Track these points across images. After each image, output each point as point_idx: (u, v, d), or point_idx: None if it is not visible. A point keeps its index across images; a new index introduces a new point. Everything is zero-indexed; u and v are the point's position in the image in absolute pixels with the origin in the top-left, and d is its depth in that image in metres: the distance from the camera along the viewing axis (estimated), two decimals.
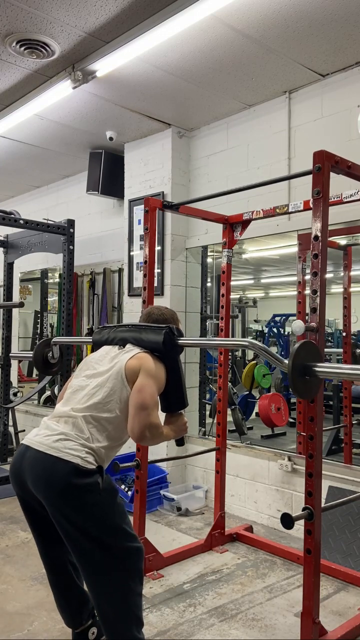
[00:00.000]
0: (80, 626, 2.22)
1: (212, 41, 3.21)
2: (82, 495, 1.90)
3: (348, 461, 3.84)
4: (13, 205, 6.52)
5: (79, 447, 1.94)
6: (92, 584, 1.97)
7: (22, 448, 2.02)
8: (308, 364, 1.92)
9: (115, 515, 1.97)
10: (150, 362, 2.08)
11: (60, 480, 1.88)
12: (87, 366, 2.22)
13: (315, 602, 2.20)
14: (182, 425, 2.21)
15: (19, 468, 2.00)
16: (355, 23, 3.02)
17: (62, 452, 1.91)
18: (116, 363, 2.10)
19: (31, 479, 1.95)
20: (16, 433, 5.70)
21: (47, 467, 1.91)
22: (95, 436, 1.99)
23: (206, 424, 4.60)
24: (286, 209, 3.17)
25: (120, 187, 4.94)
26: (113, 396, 2.03)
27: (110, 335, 2.30)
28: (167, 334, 2.17)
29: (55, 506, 1.90)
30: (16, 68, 3.55)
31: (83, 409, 2.02)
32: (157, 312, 2.41)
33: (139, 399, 1.97)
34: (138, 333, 2.23)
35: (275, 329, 7.75)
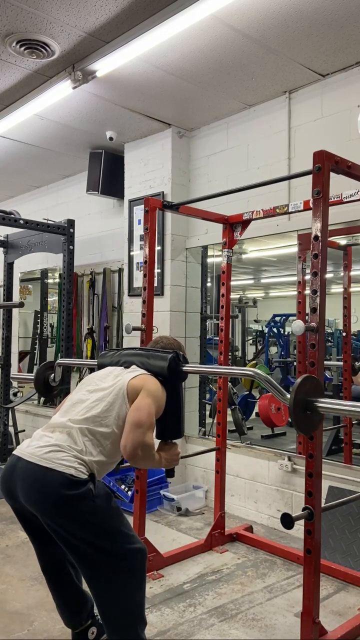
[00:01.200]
0: (80, 626, 2.21)
1: (212, 41, 3.21)
2: (76, 504, 1.87)
3: (348, 461, 3.84)
4: (13, 205, 6.52)
5: (71, 458, 1.91)
6: (95, 587, 1.97)
7: (14, 459, 2.00)
8: (309, 399, 1.92)
9: (112, 520, 1.96)
10: (152, 384, 2.09)
11: (52, 491, 1.85)
12: (89, 382, 2.22)
13: (315, 602, 2.20)
14: (175, 456, 2.18)
15: (9, 479, 1.98)
16: (355, 23, 3.02)
17: (53, 462, 1.89)
18: (119, 380, 2.11)
19: (23, 491, 1.93)
20: (16, 433, 5.70)
21: (39, 478, 1.88)
22: (89, 449, 1.97)
23: (206, 424, 4.60)
24: (286, 209, 3.17)
25: (120, 187, 4.94)
26: (111, 412, 2.02)
27: (115, 358, 2.32)
28: (172, 359, 2.19)
29: (50, 517, 1.89)
30: (16, 68, 3.55)
31: (80, 421, 2.01)
32: (165, 341, 2.46)
33: (136, 416, 1.96)
34: (145, 357, 2.25)
35: (275, 329, 7.74)
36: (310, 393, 1.93)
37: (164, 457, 2.13)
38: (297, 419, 1.90)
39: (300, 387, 1.90)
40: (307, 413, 1.92)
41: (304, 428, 1.95)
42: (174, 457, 2.18)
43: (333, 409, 2.01)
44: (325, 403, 1.94)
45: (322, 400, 1.94)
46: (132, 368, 2.21)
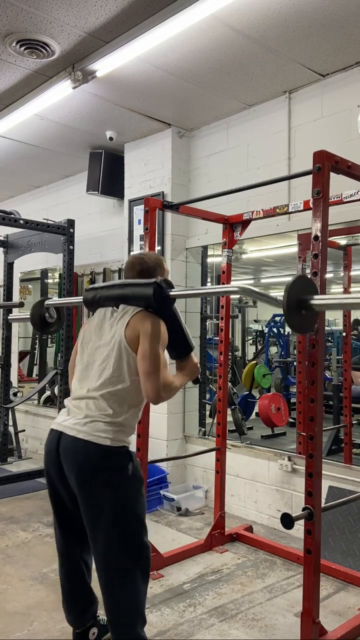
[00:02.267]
0: (82, 626, 2.23)
1: (212, 41, 3.21)
2: (111, 476, 1.95)
3: (348, 461, 3.84)
4: (13, 205, 6.52)
5: (107, 427, 1.98)
6: (105, 570, 1.98)
7: (54, 434, 2.08)
8: (303, 297, 1.87)
9: (138, 505, 2.02)
10: (146, 324, 2.04)
11: (91, 462, 1.95)
12: (89, 336, 2.21)
13: (315, 602, 2.20)
14: (194, 367, 2.25)
15: (55, 453, 2.05)
16: (355, 23, 3.02)
17: (92, 435, 1.96)
18: (115, 332, 2.09)
19: (66, 463, 2.01)
20: (16, 433, 5.70)
21: (79, 450, 1.97)
22: (117, 409, 2.03)
23: (206, 424, 4.60)
24: (286, 209, 3.17)
25: (120, 187, 4.94)
26: (122, 367, 2.04)
27: (102, 295, 2.24)
28: (155, 289, 2.07)
29: (85, 487, 1.96)
30: (16, 68, 3.55)
31: (99, 387, 2.05)
32: (140, 262, 2.27)
33: (146, 365, 1.98)
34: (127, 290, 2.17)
35: (275, 329, 7.74)
36: (304, 292, 1.87)
37: (185, 374, 2.21)
38: (291, 320, 1.85)
39: (293, 286, 1.84)
40: (302, 312, 1.88)
41: (300, 328, 1.91)
42: (194, 368, 2.25)
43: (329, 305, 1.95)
44: (321, 299, 1.88)
45: (316, 297, 1.88)
46: (120, 309, 2.14)
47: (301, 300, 1.86)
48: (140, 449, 3.06)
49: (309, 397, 2.24)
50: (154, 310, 2.09)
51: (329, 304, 1.95)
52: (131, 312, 2.10)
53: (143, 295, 2.10)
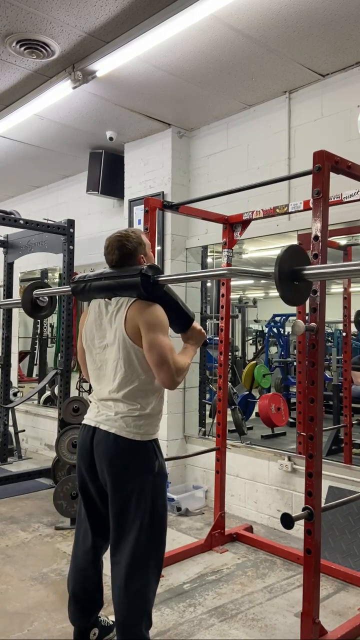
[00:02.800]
0: (85, 627, 2.22)
1: (212, 41, 3.21)
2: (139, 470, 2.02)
3: (348, 461, 3.84)
4: (13, 205, 6.52)
5: (138, 422, 2.04)
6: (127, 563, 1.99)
7: (87, 428, 2.14)
8: (296, 268, 1.83)
9: (162, 500, 2.07)
10: (144, 315, 2.02)
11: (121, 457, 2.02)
12: (91, 333, 2.20)
13: (315, 602, 2.21)
14: (199, 334, 2.27)
15: (89, 447, 2.11)
16: (355, 23, 3.02)
17: (124, 430, 2.03)
18: (117, 329, 2.09)
19: (98, 457, 2.07)
20: (16, 433, 5.70)
21: (110, 445, 2.03)
22: (142, 402, 2.08)
23: (206, 424, 4.60)
24: (286, 209, 3.17)
25: (120, 187, 4.94)
26: (133, 364, 2.06)
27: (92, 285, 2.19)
28: (143, 280, 2.01)
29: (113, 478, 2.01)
30: (16, 68, 3.55)
31: (117, 389, 2.08)
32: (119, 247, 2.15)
33: (154, 356, 2.00)
34: (115, 282, 2.11)
35: (275, 329, 7.75)
36: (296, 262, 1.84)
37: (193, 344, 2.25)
38: (284, 290, 1.81)
39: (285, 256, 1.80)
40: (295, 284, 1.85)
41: (293, 299, 1.87)
42: (199, 335, 2.27)
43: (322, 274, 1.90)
44: (313, 269, 1.84)
45: (309, 267, 1.84)
46: (114, 303, 2.12)
47: (294, 270, 1.83)
48: None
49: (309, 397, 2.24)
50: (146, 298, 2.06)
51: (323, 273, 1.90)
52: (126, 305, 2.08)
53: (132, 285, 2.05)
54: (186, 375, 2.13)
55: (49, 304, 3.04)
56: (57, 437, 3.98)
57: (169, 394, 4.13)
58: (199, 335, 2.28)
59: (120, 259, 2.16)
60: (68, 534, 3.62)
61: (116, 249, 2.16)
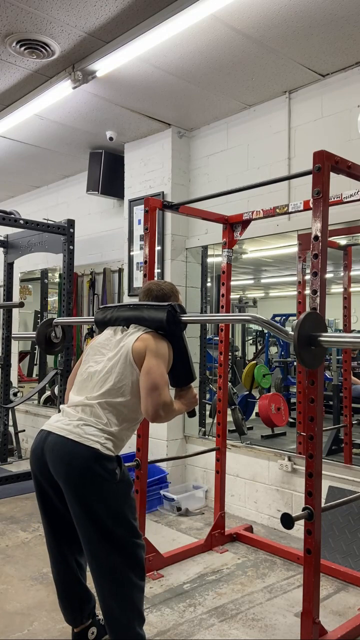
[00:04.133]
0: (81, 624, 2.23)
1: (212, 41, 3.21)
2: (100, 481, 1.94)
3: (348, 461, 3.83)
4: (13, 205, 6.52)
5: (99, 433, 1.99)
6: (98, 574, 1.98)
7: (43, 433, 2.08)
8: (313, 334, 1.94)
9: (127, 508, 2.01)
10: (155, 343, 2.09)
11: (80, 464, 1.94)
12: (94, 351, 2.22)
13: (315, 602, 2.20)
14: (192, 398, 2.26)
15: (40, 452, 2.05)
16: (355, 23, 3.02)
17: (82, 437, 1.96)
18: (122, 347, 2.11)
19: (52, 463, 2.00)
20: (16, 433, 5.70)
21: (68, 451, 1.96)
22: (112, 420, 2.03)
23: (206, 424, 4.60)
24: (286, 209, 3.17)
25: (120, 187, 4.94)
26: (124, 380, 2.06)
27: (113, 315, 2.30)
28: (169, 312, 2.16)
29: (73, 490, 1.95)
30: (16, 68, 3.55)
31: (97, 396, 2.06)
32: (157, 288, 2.37)
33: (149, 380, 1.99)
34: (140, 312, 2.23)
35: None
36: (313, 328, 1.94)
37: (183, 403, 2.22)
38: (302, 354, 1.92)
39: (303, 323, 1.91)
40: (312, 348, 1.94)
41: (309, 363, 1.97)
42: (192, 399, 2.26)
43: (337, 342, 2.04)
44: (329, 337, 1.96)
45: (325, 334, 1.96)
46: (131, 329, 2.19)
47: (311, 336, 1.93)
48: (140, 449, 3.06)
49: (309, 397, 2.24)
50: (164, 333, 2.15)
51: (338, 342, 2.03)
52: (142, 331, 2.15)
53: (156, 317, 2.16)
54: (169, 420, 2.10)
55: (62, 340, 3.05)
56: None
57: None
58: (192, 399, 2.26)
59: (154, 299, 2.33)
60: None
61: (154, 290, 2.37)
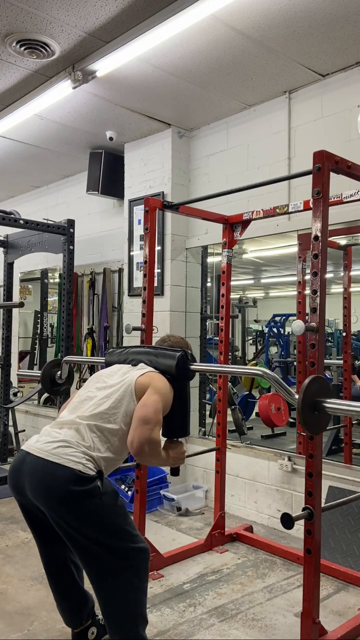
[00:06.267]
0: (80, 626, 2.23)
1: (212, 41, 3.20)
2: (83, 501, 1.89)
3: (348, 461, 3.83)
4: (13, 205, 6.52)
5: (80, 454, 1.93)
6: (97, 585, 1.97)
7: (22, 454, 2.01)
8: (318, 399, 1.93)
9: (117, 517, 1.97)
10: (160, 381, 2.10)
11: (60, 487, 1.87)
12: (97, 379, 2.23)
13: (315, 602, 2.20)
14: (181, 454, 2.21)
15: (18, 474, 2.00)
16: (355, 23, 3.02)
17: (62, 458, 1.90)
18: (127, 377, 2.12)
19: (31, 485, 1.95)
20: (16, 433, 5.70)
21: (47, 473, 1.90)
22: (96, 446, 1.98)
23: (206, 424, 4.60)
24: (286, 209, 3.17)
25: (120, 187, 4.94)
26: (119, 408, 2.04)
27: (123, 356, 2.33)
28: (181, 357, 2.20)
29: (56, 513, 1.90)
30: (16, 68, 3.54)
31: (88, 417, 2.03)
32: (172, 340, 2.48)
33: (143, 412, 1.97)
34: (153, 356, 2.26)
35: (275, 329, 7.74)
36: (318, 393, 1.94)
37: (170, 456, 2.16)
38: (305, 419, 1.91)
39: (309, 387, 1.91)
40: (315, 413, 1.93)
41: (312, 428, 1.97)
42: (180, 455, 2.20)
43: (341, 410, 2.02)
44: (334, 404, 1.95)
45: (330, 400, 1.95)
46: (140, 366, 2.22)
47: (315, 401, 1.93)
48: None
49: None
50: (171, 378, 2.16)
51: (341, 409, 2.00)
52: (150, 369, 2.17)
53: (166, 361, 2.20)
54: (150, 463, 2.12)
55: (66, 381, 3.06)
56: None
57: None
58: (180, 455, 2.21)
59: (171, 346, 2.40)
60: None
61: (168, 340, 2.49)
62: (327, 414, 1.96)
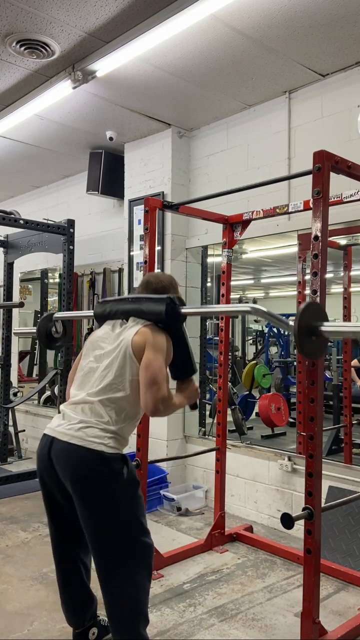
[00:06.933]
0: (82, 626, 2.23)
1: (212, 41, 3.21)
2: (106, 482, 1.95)
3: (348, 461, 3.83)
4: (13, 205, 6.52)
5: (101, 433, 1.98)
6: (104, 574, 1.98)
7: (48, 439, 2.07)
8: (314, 324, 1.92)
9: (134, 507, 2.02)
10: (154, 336, 2.07)
11: (86, 467, 1.94)
12: (93, 346, 2.22)
13: (315, 602, 2.21)
14: (194, 392, 2.26)
15: (47, 457, 2.05)
16: (355, 23, 3.02)
17: (85, 440, 1.96)
18: (122, 340, 2.10)
19: (59, 468, 2.01)
20: (16, 433, 5.70)
21: (73, 456, 1.96)
22: (114, 417, 2.03)
23: (206, 424, 4.60)
24: (286, 209, 3.17)
25: (120, 187, 4.94)
26: (124, 375, 2.05)
27: (112, 309, 2.28)
28: (168, 304, 2.13)
29: (80, 493, 1.95)
30: (16, 68, 3.55)
31: (97, 393, 2.05)
32: (155, 281, 2.35)
33: (148, 374, 1.98)
34: (139, 305, 2.20)
35: (275, 329, 7.74)
36: (314, 318, 1.93)
37: (184, 397, 2.22)
38: (303, 345, 1.90)
39: (304, 313, 1.90)
40: (313, 338, 1.92)
41: (310, 353, 1.96)
42: (194, 392, 2.26)
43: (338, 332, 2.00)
44: (330, 326, 1.94)
45: (326, 323, 1.94)
46: (130, 322, 2.17)
47: (312, 326, 1.91)
48: (140, 449, 3.06)
49: (309, 397, 2.24)
50: (163, 326, 2.13)
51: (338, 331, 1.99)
52: (141, 324, 2.13)
53: (155, 310, 2.14)
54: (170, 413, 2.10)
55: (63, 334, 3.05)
56: None
57: None
58: (193, 392, 2.25)
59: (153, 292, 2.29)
60: None
61: (152, 282, 2.33)
62: (324, 338, 1.95)
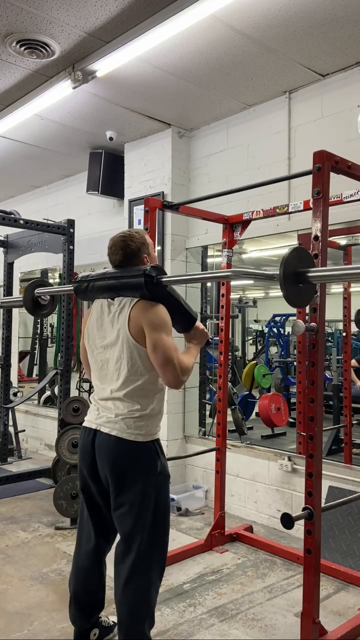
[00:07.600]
0: (85, 629, 2.22)
1: (212, 41, 3.21)
2: (144, 473, 2.02)
3: (348, 461, 3.84)
4: (13, 205, 6.52)
5: (138, 423, 2.04)
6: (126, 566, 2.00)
7: (90, 432, 2.12)
8: (300, 270, 1.85)
9: (165, 499, 2.08)
10: (146, 315, 2.03)
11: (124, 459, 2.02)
12: (93, 335, 2.21)
13: (315, 602, 2.21)
14: (202, 334, 2.29)
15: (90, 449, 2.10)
16: (355, 23, 3.02)
17: (125, 432, 2.03)
18: (119, 329, 2.08)
19: (100, 460, 2.06)
20: (16, 433, 5.70)
21: (112, 447, 2.03)
22: (144, 402, 2.08)
23: (206, 424, 4.60)
24: (286, 209, 3.17)
25: (120, 187, 4.94)
26: (136, 363, 2.06)
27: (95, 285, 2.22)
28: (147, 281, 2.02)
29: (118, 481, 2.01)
30: (16, 68, 3.55)
31: (120, 388, 2.08)
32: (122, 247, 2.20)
33: (159, 357, 2.00)
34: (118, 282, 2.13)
35: (275, 329, 7.75)
36: (300, 264, 1.84)
37: (196, 344, 2.26)
38: (289, 293, 1.82)
39: (289, 259, 1.81)
40: (300, 286, 1.86)
41: (297, 302, 1.89)
42: (202, 334, 2.29)
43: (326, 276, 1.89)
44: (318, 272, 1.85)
45: (313, 269, 1.85)
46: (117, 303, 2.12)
47: (298, 272, 1.84)
48: None
49: (309, 397, 2.24)
50: (150, 298, 2.07)
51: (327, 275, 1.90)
52: (129, 305, 2.08)
53: (136, 285, 2.06)
54: (191, 372, 2.14)
55: (50, 302, 3.06)
56: (57, 437, 3.98)
57: (169, 394, 4.13)
58: (202, 335, 2.29)
59: (124, 259, 2.20)
60: (68, 533, 3.62)
61: (120, 248, 2.21)
62: (312, 284, 1.89)
